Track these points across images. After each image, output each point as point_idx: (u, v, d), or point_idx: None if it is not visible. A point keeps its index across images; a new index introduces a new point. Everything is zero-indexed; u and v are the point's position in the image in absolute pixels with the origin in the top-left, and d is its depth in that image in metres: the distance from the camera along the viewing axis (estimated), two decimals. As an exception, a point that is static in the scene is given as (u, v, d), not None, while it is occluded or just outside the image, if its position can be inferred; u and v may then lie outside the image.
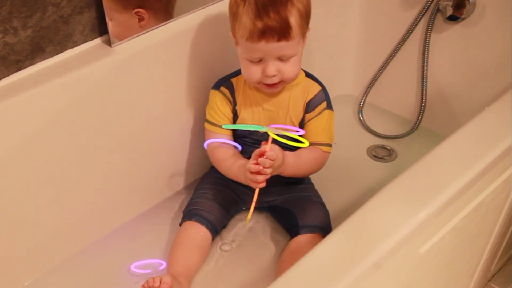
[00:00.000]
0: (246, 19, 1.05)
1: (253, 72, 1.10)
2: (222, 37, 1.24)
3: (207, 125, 1.22)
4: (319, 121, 1.19)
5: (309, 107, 1.18)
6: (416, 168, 0.91)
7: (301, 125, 1.20)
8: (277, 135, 1.07)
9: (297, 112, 1.19)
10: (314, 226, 1.19)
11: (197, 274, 1.19)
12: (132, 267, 1.21)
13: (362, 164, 1.48)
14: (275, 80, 1.11)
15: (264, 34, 1.04)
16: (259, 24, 1.03)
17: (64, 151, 1.12)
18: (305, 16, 1.08)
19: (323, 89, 1.20)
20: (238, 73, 1.20)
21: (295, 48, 1.08)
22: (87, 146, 1.16)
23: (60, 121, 1.09)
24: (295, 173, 1.18)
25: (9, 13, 0.99)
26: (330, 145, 1.21)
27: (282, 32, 1.04)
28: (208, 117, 1.22)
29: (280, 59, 1.08)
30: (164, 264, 1.21)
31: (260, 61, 1.09)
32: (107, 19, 1.11)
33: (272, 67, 1.08)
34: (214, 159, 1.23)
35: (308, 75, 1.21)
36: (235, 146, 1.23)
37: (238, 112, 1.20)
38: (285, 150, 1.13)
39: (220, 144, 1.21)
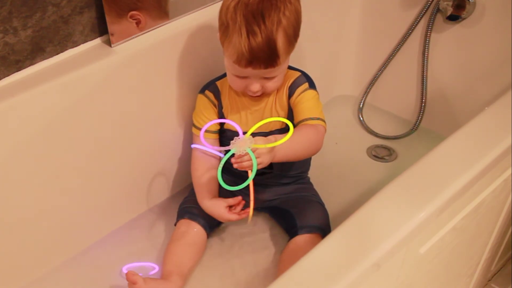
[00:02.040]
0: (235, 42, 1.04)
1: (237, 84, 1.12)
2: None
3: (193, 129, 1.23)
4: (304, 98, 1.16)
5: (291, 91, 1.17)
6: (416, 168, 0.91)
7: (289, 113, 1.19)
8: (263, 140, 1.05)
9: (282, 102, 1.18)
10: (312, 227, 1.19)
11: (195, 274, 1.20)
12: (124, 270, 1.20)
13: (362, 164, 1.48)
14: (258, 93, 1.13)
15: (251, 63, 1.05)
16: (247, 53, 1.03)
17: (62, 151, 1.12)
18: (293, 38, 1.08)
19: (303, 74, 1.19)
20: (224, 75, 1.20)
21: (280, 70, 1.09)
22: (86, 147, 1.15)
23: (59, 121, 1.09)
24: (287, 156, 1.10)
25: (9, 13, 0.99)
26: (322, 120, 1.15)
27: (270, 61, 1.05)
28: (193, 120, 1.23)
29: (265, 77, 1.10)
30: (157, 268, 1.20)
31: (245, 77, 1.10)
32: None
33: (257, 85, 1.10)
34: (192, 168, 1.24)
35: (290, 67, 1.20)
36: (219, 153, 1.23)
37: (225, 115, 1.21)
38: (272, 133, 1.12)
39: (201, 154, 1.22)
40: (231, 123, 1.10)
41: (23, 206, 1.12)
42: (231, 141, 1.02)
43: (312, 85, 1.18)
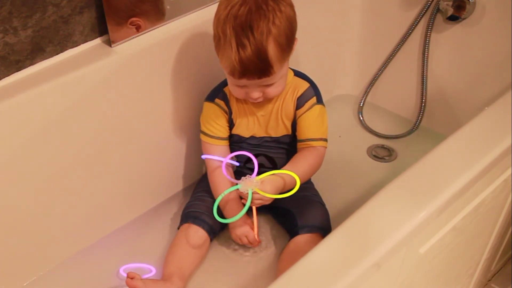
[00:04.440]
0: (227, 55, 1.04)
1: (238, 93, 1.13)
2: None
3: (203, 137, 1.23)
4: (310, 116, 1.18)
5: (299, 103, 1.18)
6: (416, 168, 0.91)
7: (293, 123, 1.20)
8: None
9: (288, 111, 1.19)
10: (313, 226, 1.19)
11: (196, 274, 1.20)
12: (121, 270, 1.20)
13: (362, 164, 1.48)
14: (259, 100, 1.13)
15: (244, 75, 1.05)
16: (239, 66, 1.03)
17: (63, 151, 1.12)
18: (286, 46, 1.07)
19: (312, 85, 1.20)
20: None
21: (277, 76, 1.09)
22: (86, 147, 1.15)
23: (60, 121, 1.09)
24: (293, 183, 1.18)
25: (9, 13, 0.99)
26: (324, 140, 1.20)
27: (263, 71, 1.05)
28: (203, 128, 1.22)
29: (263, 85, 1.10)
30: (154, 271, 1.20)
31: (244, 86, 1.10)
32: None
33: (256, 93, 1.11)
34: (210, 182, 1.24)
35: (297, 74, 1.21)
36: (232, 164, 1.25)
37: (234, 120, 1.21)
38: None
39: (219, 166, 1.21)
40: (251, 157, 1.16)
41: (23, 206, 1.12)
42: (242, 177, 1.10)
43: (319, 100, 1.19)
